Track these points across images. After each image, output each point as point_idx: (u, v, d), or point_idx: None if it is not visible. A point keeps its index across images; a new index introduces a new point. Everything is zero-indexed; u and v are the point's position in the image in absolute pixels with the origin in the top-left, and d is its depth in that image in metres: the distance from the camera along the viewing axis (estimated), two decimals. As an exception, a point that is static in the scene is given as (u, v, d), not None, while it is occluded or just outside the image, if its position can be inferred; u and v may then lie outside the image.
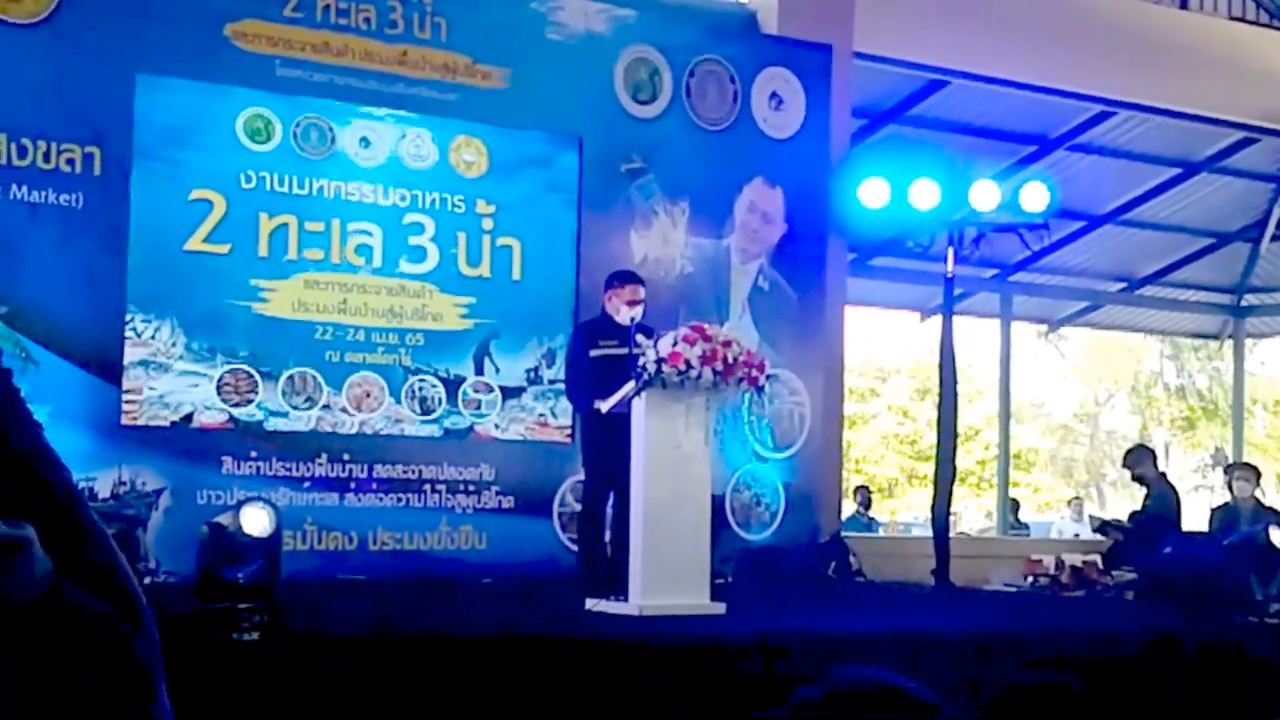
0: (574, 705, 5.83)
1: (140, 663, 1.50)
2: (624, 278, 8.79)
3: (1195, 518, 14.98)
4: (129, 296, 9.12)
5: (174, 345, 9.24)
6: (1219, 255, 18.02)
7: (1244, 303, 19.09)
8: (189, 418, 9.29)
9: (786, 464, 11.23)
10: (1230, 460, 18.63)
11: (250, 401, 9.46)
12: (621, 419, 7.67)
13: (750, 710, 5.42)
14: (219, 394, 9.37)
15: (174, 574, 8.48)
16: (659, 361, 7.30)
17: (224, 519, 7.89)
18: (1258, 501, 11.96)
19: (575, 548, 9.18)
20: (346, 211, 9.81)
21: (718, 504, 9.21)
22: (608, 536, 8.45)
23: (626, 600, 7.41)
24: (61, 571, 1.48)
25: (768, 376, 7.99)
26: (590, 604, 7.56)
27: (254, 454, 9.42)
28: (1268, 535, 9.63)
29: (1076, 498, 21.32)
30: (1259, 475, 12.43)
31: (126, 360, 9.11)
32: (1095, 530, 13.85)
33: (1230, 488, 12.24)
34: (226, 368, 9.39)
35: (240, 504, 7.96)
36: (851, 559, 11.33)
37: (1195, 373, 35.49)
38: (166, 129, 9.30)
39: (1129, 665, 7.06)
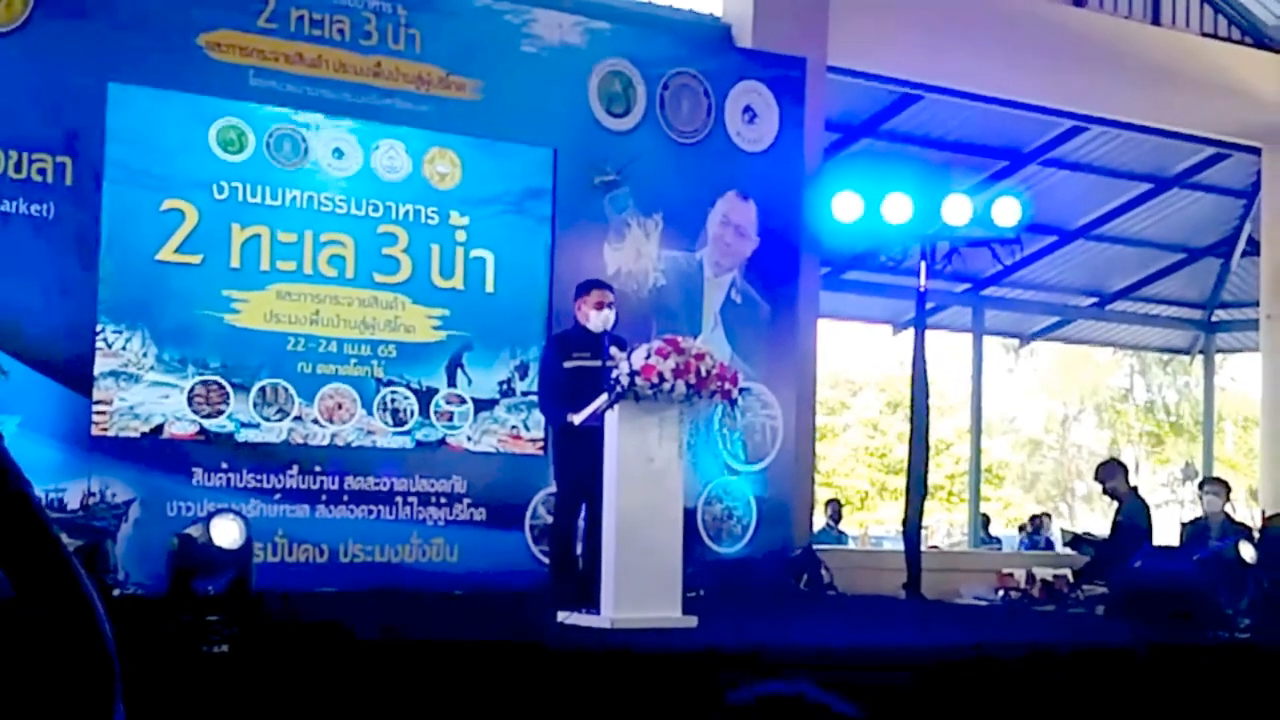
0: (544, 717, 5.82)
1: (96, 673, 1.49)
2: (590, 285, 8.79)
3: (1165, 532, 15.04)
4: (100, 307, 9.08)
5: (145, 356, 9.20)
6: (1190, 270, 18.13)
7: (1214, 318, 19.20)
8: (160, 429, 9.24)
9: (758, 477, 11.23)
10: (1200, 475, 18.72)
11: (221, 413, 9.42)
12: (594, 431, 7.66)
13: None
14: (190, 405, 9.33)
15: (144, 586, 8.44)
16: (632, 374, 7.30)
17: (194, 531, 7.87)
18: (1227, 516, 12.01)
19: (547, 560, 9.16)
20: (319, 222, 9.79)
21: (690, 517, 9.20)
22: (579, 549, 8.43)
23: (598, 613, 7.40)
24: (22, 581, 1.47)
25: (740, 390, 8.00)
26: (562, 616, 7.55)
27: (225, 465, 9.38)
28: (1238, 550, 9.65)
29: (1035, 515, 21.07)
30: (1229, 490, 12.49)
31: (97, 371, 9.07)
32: (1066, 544, 13.88)
33: (1201, 502, 12.29)
34: (198, 379, 9.35)
35: (211, 516, 7.95)
36: (823, 572, 11.33)
37: (1164, 388, 35.64)
38: (139, 138, 9.26)
39: (1095, 679, 7.08)
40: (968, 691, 6.71)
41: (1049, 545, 17.83)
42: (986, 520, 19.20)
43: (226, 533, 7.68)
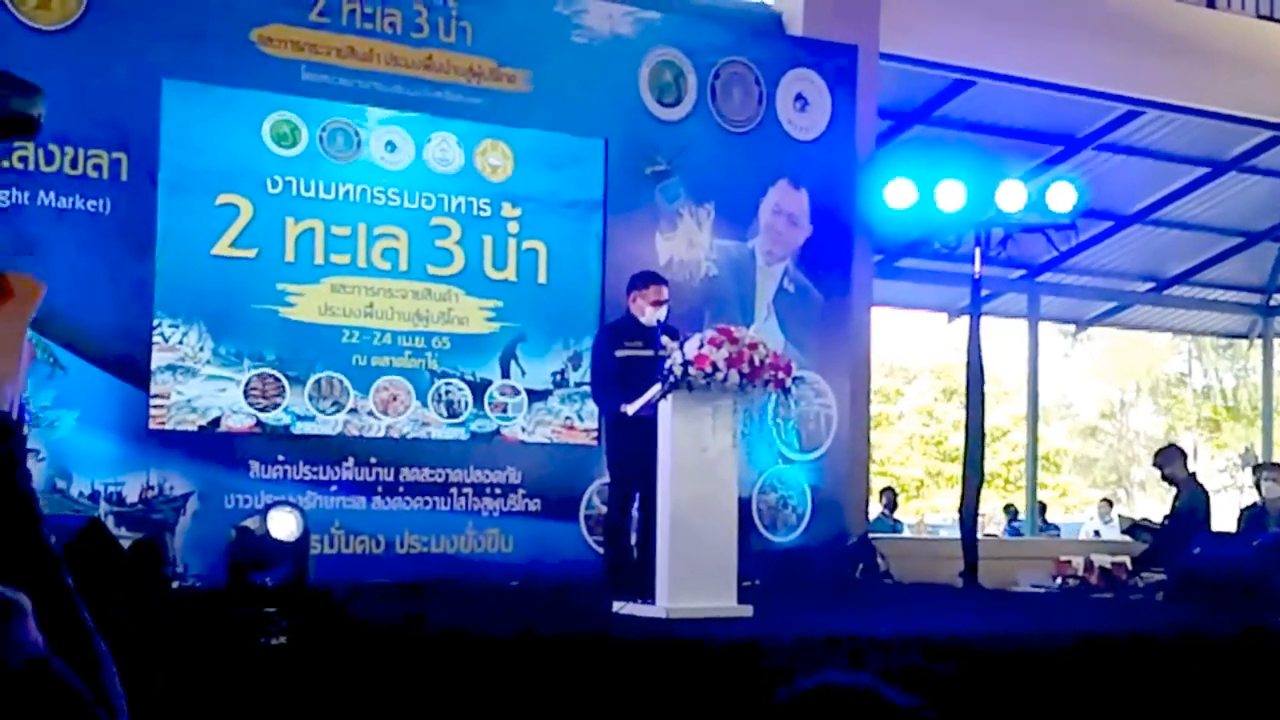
0: (601, 707, 5.83)
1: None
2: (648, 278, 8.78)
3: (1223, 518, 14.92)
4: (156, 301, 9.14)
5: (201, 350, 9.27)
6: (1247, 254, 17.93)
7: (1273, 302, 19.00)
8: (216, 422, 9.31)
9: (813, 466, 11.20)
10: (1259, 460, 18.54)
11: (277, 406, 9.47)
12: (648, 421, 7.66)
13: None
14: (246, 398, 9.38)
15: (202, 578, 8.51)
16: (685, 364, 7.29)
17: (251, 523, 7.93)
18: (1287, 501, 11.89)
19: (602, 550, 9.17)
20: (372, 215, 9.82)
21: (744, 506, 9.19)
22: (634, 539, 8.43)
23: (654, 603, 7.40)
24: (51, 645, 1.48)
25: (794, 379, 7.98)
26: (617, 606, 7.56)
27: (281, 458, 9.44)
28: (1298, 536, 9.58)
29: (1105, 499, 21.30)
30: (1288, 474, 12.36)
31: (154, 365, 9.13)
32: (1124, 531, 13.80)
33: (1259, 488, 12.18)
34: (254, 372, 9.41)
35: (268, 508, 8.01)
36: (879, 561, 11.31)
37: (1221, 373, 35.33)
38: (193, 134, 9.32)
39: (1159, 665, 7.03)
40: (1026, 679, 6.68)
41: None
42: (1043, 508, 19.15)
43: (283, 525, 7.74)
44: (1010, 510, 20.38)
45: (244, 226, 9.43)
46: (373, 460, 9.69)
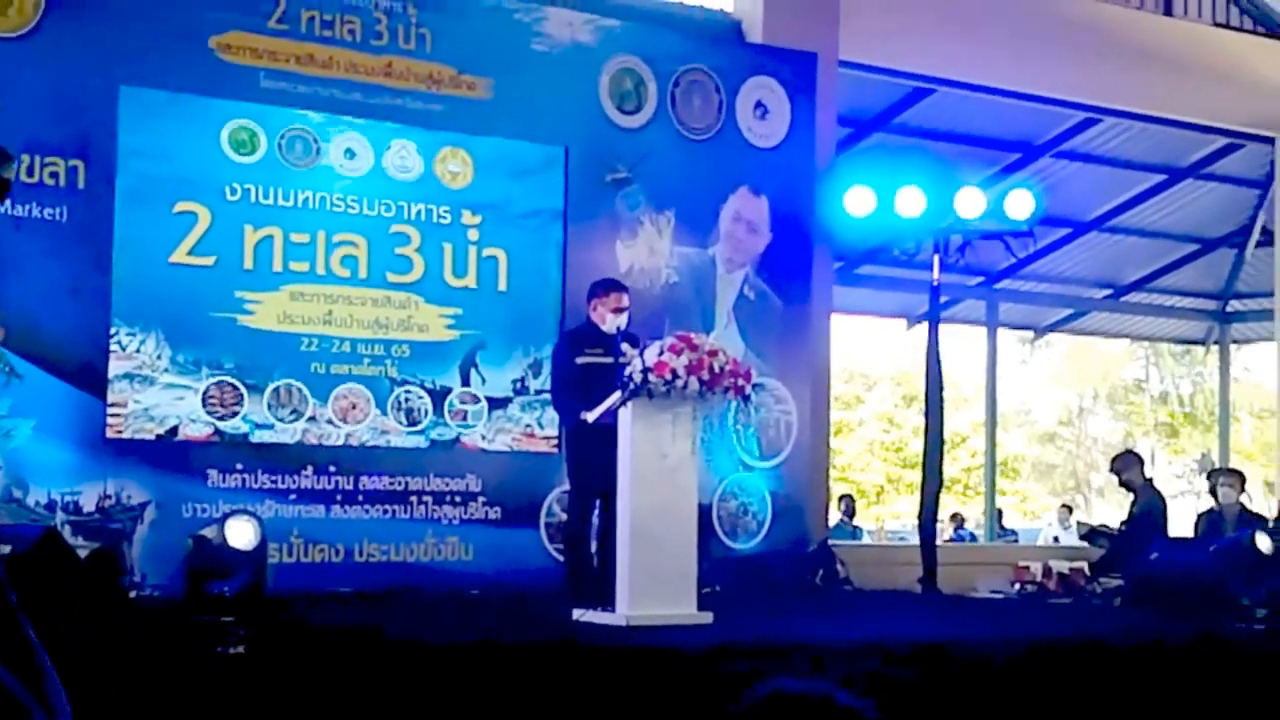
0: (562, 715, 5.82)
1: None
2: (608, 286, 8.78)
3: (1180, 523, 15.01)
4: (114, 309, 9.10)
5: (159, 358, 9.22)
6: (1204, 261, 18.07)
7: (1229, 309, 19.15)
8: (174, 430, 9.26)
9: (773, 473, 11.23)
10: (1216, 466, 18.67)
11: (236, 414, 9.44)
12: (608, 429, 7.67)
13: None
14: (204, 407, 9.34)
15: (160, 588, 8.47)
16: (645, 371, 7.30)
17: (209, 532, 7.91)
18: (1243, 507, 11.98)
19: (562, 558, 9.16)
20: (332, 223, 9.80)
21: (704, 513, 9.20)
22: (594, 547, 8.43)
23: (614, 610, 7.40)
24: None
25: (754, 385, 8.00)
26: (577, 614, 7.55)
27: (239, 466, 9.40)
28: (1254, 541, 9.64)
29: (1065, 505, 21.47)
30: (1244, 481, 12.46)
31: (111, 373, 9.09)
32: (1082, 537, 13.87)
33: (1215, 494, 12.26)
34: (212, 380, 9.37)
35: (225, 517, 7.98)
36: (839, 567, 11.33)
37: (1178, 379, 35.57)
38: (151, 141, 9.28)
39: (1113, 671, 7.07)
40: (985, 685, 6.70)
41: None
42: (1000, 514, 19.25)
43: (241, 534, 7.71)
44: (957, 519, 20.54)
45: (202, 234, 9.40)
46: (332, 468, 9.67)
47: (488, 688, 5.86)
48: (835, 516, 15.41)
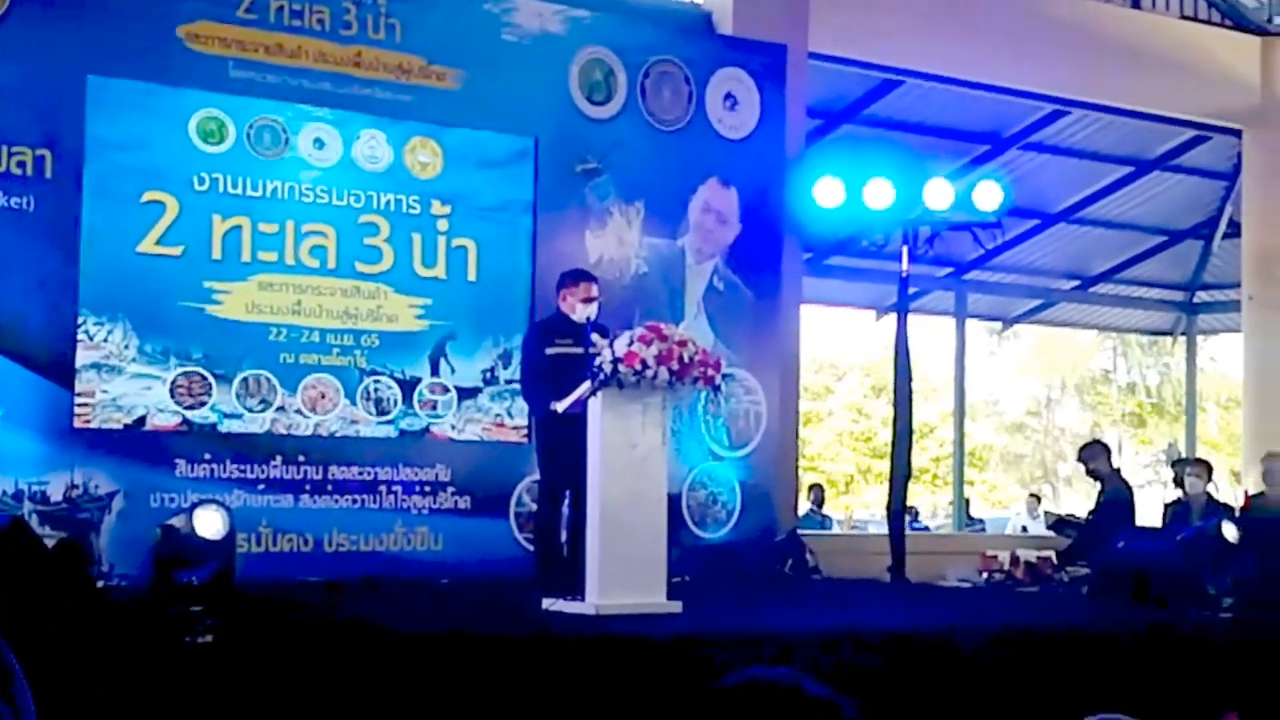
0: (531, 705, 5.83)
1: None
2: (578, 276, 8.79)
3: (1147, 513, 15.09)
4: (81, 299, 9.06)
5: (127, 348, 9.19)
6: (1171, 252, 18.18)
7: (1196, 300, 19.26)
8: (142, 420, 9.24)
9: (743, 462, 11.25)
10: (1183, 456, 18.78)
11: (204, 404, 9.41)
12: (577, 419, 7.67)
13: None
14: (172, 396, 9.32)
15: (127, 577, 8.45)
16: (615, 361, 7.30)
17: (177, 522, 7.88)
18: (1210, 497, 12.05)
19: (532, 548, 9.17)
20: (300, 213, 9.78)
21: (674, 503, 9.21)
22: (564, 536, 8.44)
23: (583, 600, 7.41)
24: None
25: (724, 376, 8.01)
26: (547, 604, 7.56)
27: (208, 456, 9.38)
28: (1220, 530, 9.69)
29: (1033, 494, 21.57)
30: (1210, 471, 12.53)
31: (79, 363, 9.05)
32: (1049, 527, 13.93)
33: (1182, 483, 12.32)
34: (180, 370, 9.35)
35: (194, 507, 7.95)
36: (808, 556, 11.36)
37: (1146, 369, 35.73)
38: (118, 131, 9.24)
39: (1080, 660, 7.11)
40: (954, 673, 6.74)
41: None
42: (966, 503, 19.33)
43: (209, 524, 7.69)
44: (912, 510, 20.51)
45: (170, 224, 9.36)
46: (301, 458, 9.65)
47: (457, 677, 5.86)
48: (804, 506, 15.44)
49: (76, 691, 4.75)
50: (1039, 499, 21.16)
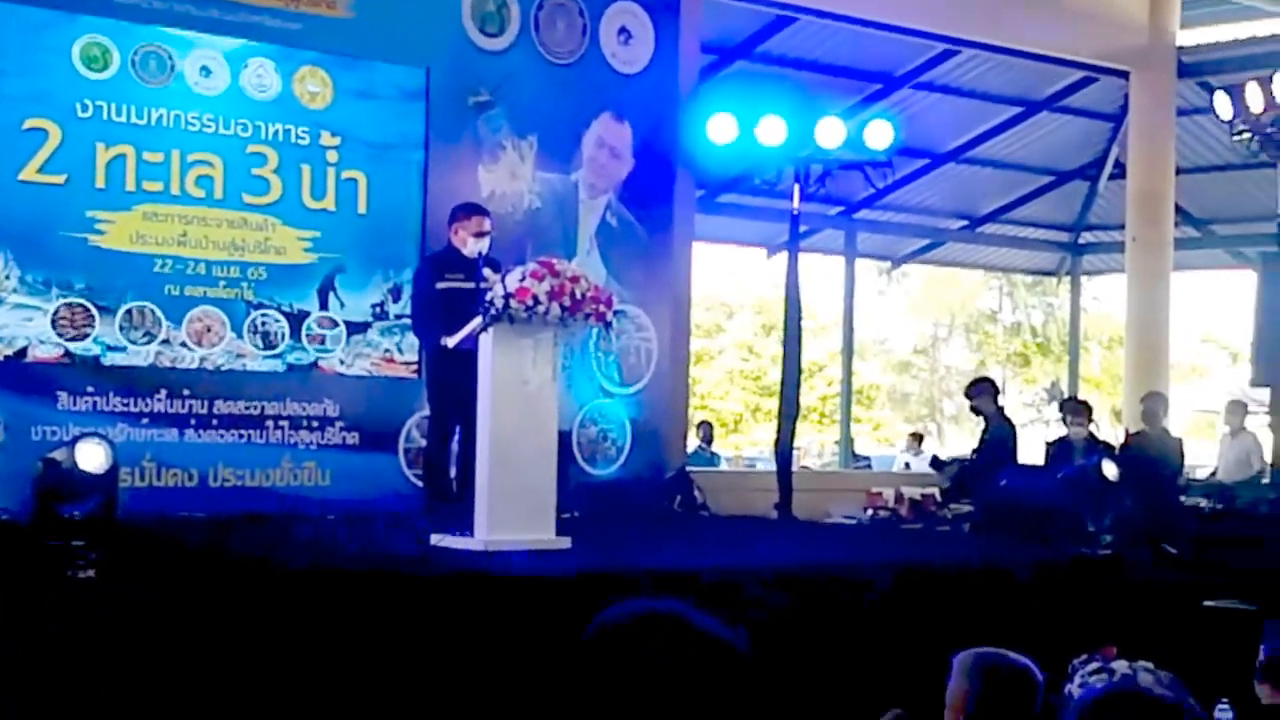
0: (418, 639, 5.83)
1: None
2: (470, 209, 8.73)
3: (1031, 451, 15.33)
4: (-41, 227, 8.87)
5: (7, 278, 9.01)
6: (1057, 193, 18.40)
7: (1081, 240, 19.53)
8: (23, 352, 9.07)
9: (633, 400, 11.27)
10: (1066, 394, 19.08)
11: (87, 336, 9.26)
12: (468, 354, 7.63)
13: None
14: (54, 328, 9.16)
15: (8, 511, 8.30)
16: (507, 296, 7.26)
17: (59, 455, 7.75)
18: (1091, 436, 12.24)
19: (421, 484, 9.14)
20: (187, 142, 9.61)
21: (564, 439, 9.21)
22: (453, 472, 8.42)
23: (472, 535, 7.40)
24: None
25: (615, 312, 8.00)
26: (435, 539, 7.55)
27: (90, 389, 9.24)
28: (1100, 469, 9.86)
29: (914, 433, 21.78)
30: (1090, 411, 12.72)
31: (-43, 293, 8.87)
32: (930, 466, 14.12)
33: (1065, 423, 12.51)
34: (62, 301, 9.18)
35: (75, 440, 7.83)
36: (696, 493, 11.43)
37: (1030, 309, 36.21)
38: (-2, 55, 9.03)
39: (963, 595, 7.22)
40: (839, 609, 6.82)
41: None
42: (852, 441, 19.51)
43: (92, 457, 7.57)
44: (917, 438, 20.77)
45: (52, 151, 9.17)
46: (186, 392, 9.53)
47: (343, 613, 5.84)
48: (693, 443, 15.52)
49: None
50: (920, 438, 21.39)
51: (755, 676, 2.10)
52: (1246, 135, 11.85)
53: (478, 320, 7.46)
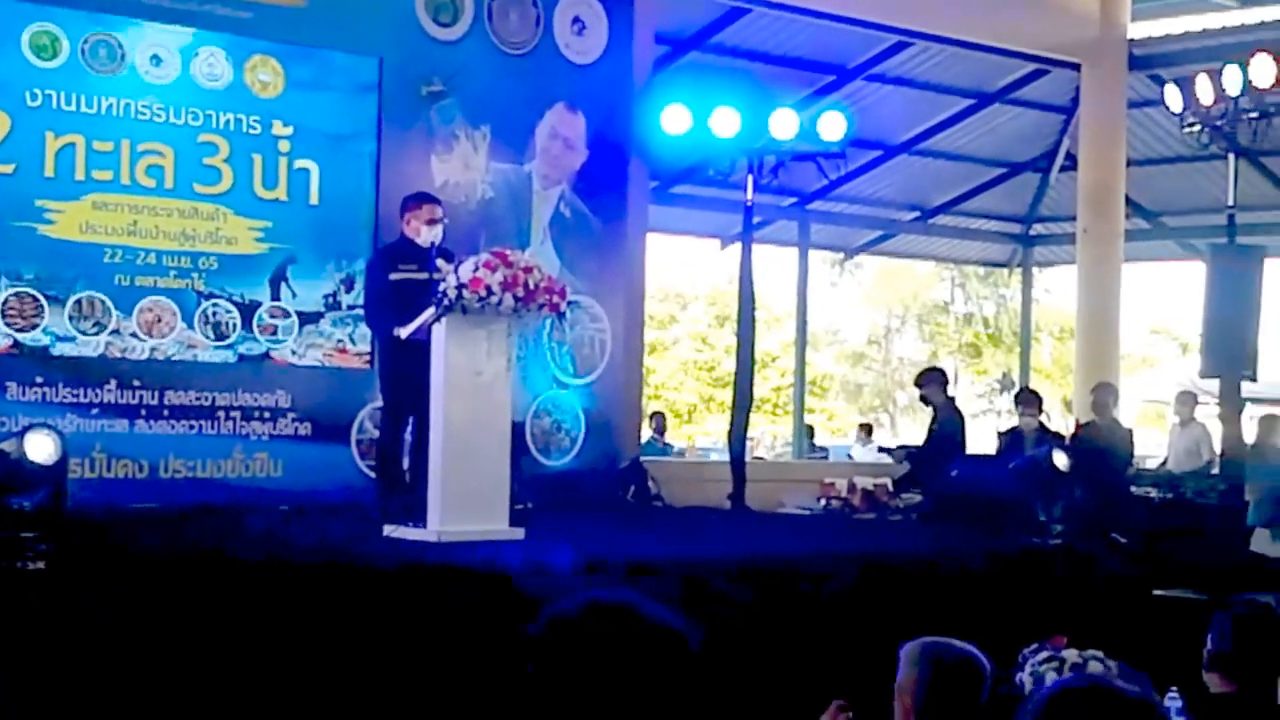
0: (371, 630, 5.81)
1: None
2: (421, 198, 8.70)
3: (982, 441, 15.40)
4: (-94, 216, 8.79)
5: (-45, 267, 8.94)
6: (1009, 185, 18.48)
7: (1032, 232, 19.64)
8: (-29, 342, 9.00)
9: (587, 390, 11.27)
10: (1017, 386, 19.20)
11: (36, 326, 9.19)
12: (421, 345, 7.62)
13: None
14: (2, 318, 9.08)
15: (-44, 503, 8.24)
16: (460, 287, 7.25)
17: (7, 446, 7.68)
18: (1042, 426, 12.31)
19: (374, 475, 9.12)
20: (137, 131, 9.54)
21: (518, 430, 9.21)
22: (406, 463, 8.40)
23: (425, 526, 7.39)
24: None
25: (569, 303, 8.00)
26: (388, 530, 7.53)
27: (39, 380, 9.16)
28: (1051, 459, 9.92)
29: (863, 425, 21.90)
30: (1041, 402, 12.79)
31: (-96, 283, 8.79)
32: (880, 450, 14.16)
33: (1018, 414, 12.58)
34: (10, 291, 9.11)
35: (24, 430, 7.77)
36: (650, 484, 11.44)
37: (982, 300, 36.41)
38: (-55, 42, 8.95)
39: (912, 585, 7.25)
40: (792, 599, 6.84)
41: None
42: (811, 431, 19.56)
43: (40, 448, 7.51)
44: (867, 429, 20.85)
45: (1, 140, 9.09)
46: (136, 383, 9.47)
47: (295, 605, 5.82)
48: (646, 434, 15.54)
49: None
50: (870, 430, 21.49)
51: (705, 667, 2.11)
52: (1196, 127, 11.91)
53: (431, 311, 7.45)
